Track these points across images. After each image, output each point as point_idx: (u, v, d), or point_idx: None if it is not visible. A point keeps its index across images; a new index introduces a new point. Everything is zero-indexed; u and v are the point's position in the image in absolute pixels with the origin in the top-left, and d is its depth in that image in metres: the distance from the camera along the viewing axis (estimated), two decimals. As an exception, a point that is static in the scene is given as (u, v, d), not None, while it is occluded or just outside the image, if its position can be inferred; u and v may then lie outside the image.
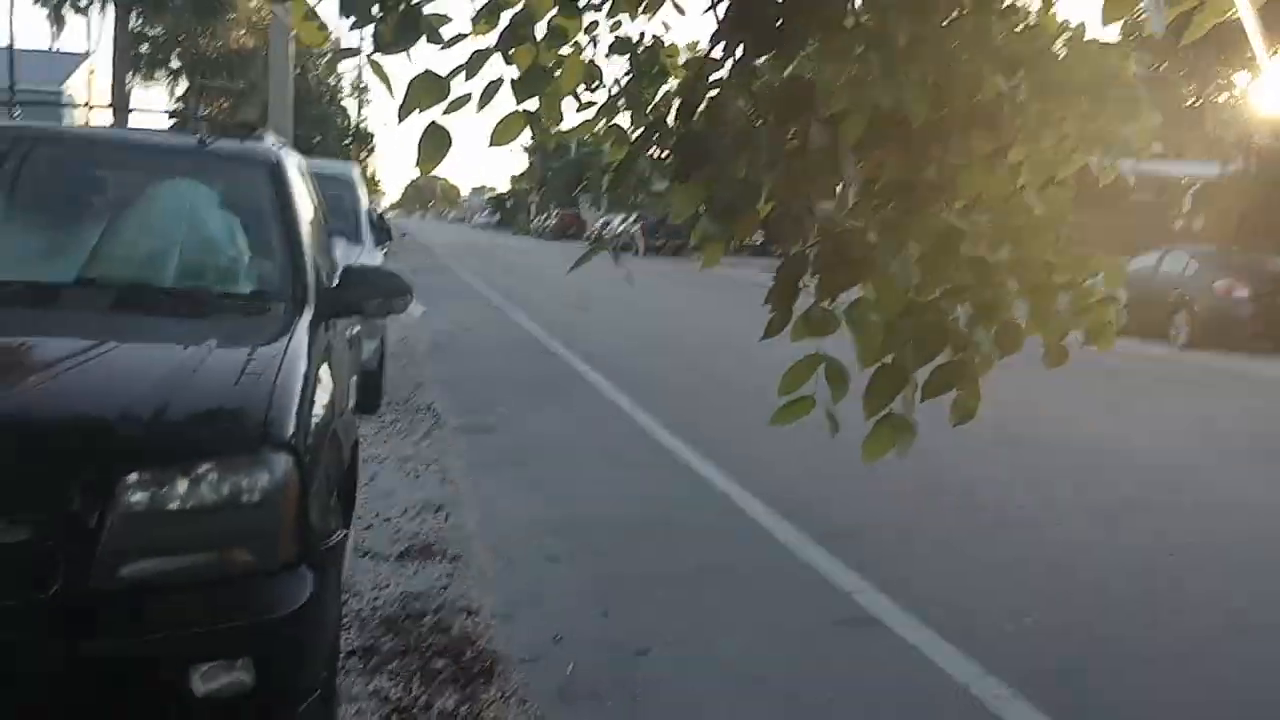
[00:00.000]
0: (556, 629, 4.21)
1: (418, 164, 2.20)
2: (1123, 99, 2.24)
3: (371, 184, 51.86)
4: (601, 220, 47.34)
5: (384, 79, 2.34)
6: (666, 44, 2.73)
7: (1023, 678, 3.88)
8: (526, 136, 2.50)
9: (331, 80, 44.65)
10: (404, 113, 2.17)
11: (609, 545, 5.40)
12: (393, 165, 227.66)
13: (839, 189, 2.10)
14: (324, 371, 3.30)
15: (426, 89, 2.15)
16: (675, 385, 10.67)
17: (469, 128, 2.51)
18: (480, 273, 27.37)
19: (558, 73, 2.37)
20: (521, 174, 77.99)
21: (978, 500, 6.53)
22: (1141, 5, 2.14)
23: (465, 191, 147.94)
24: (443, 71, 2.17)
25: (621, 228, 37.30)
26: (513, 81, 2.21)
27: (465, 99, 2.20)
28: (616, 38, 2.58)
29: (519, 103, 2.23)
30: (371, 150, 47.61)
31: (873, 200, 2.13)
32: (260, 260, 3.78)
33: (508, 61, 2.22)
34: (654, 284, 22.61)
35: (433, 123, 2.18)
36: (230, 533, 2.57)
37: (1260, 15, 2.71)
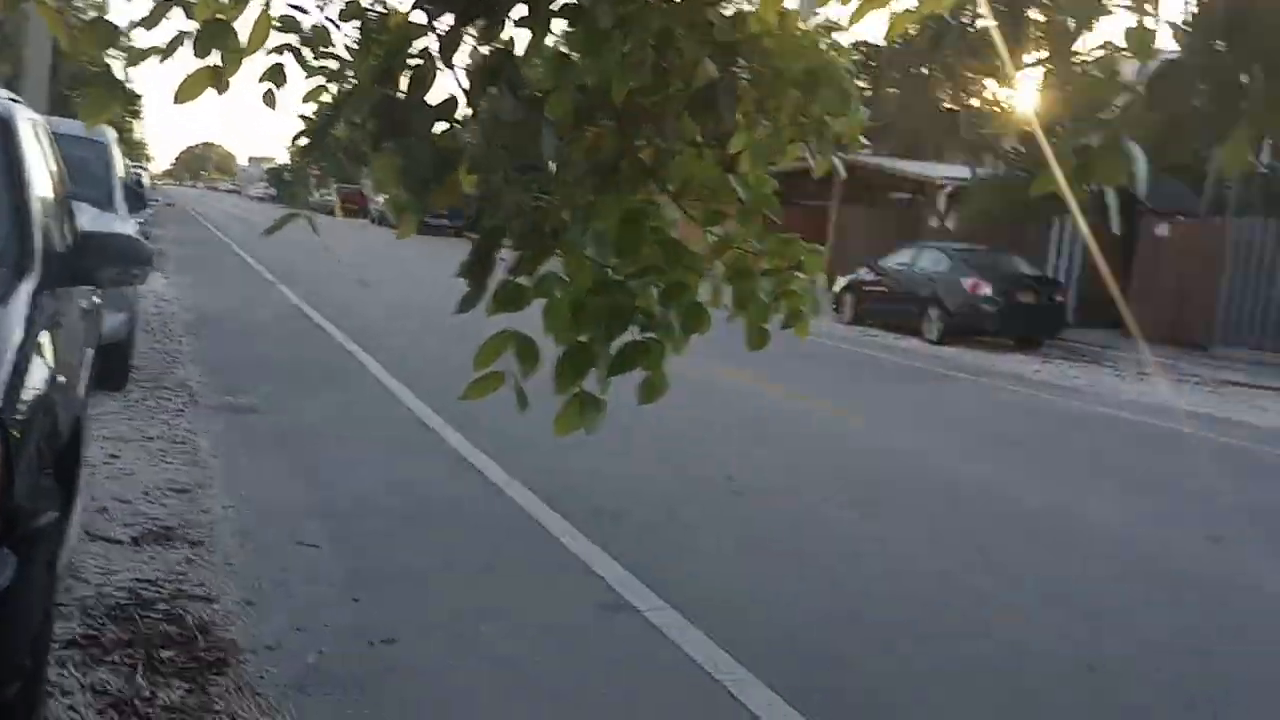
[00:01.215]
0: (302, 618, 4.03)
1: (81, 116, 2.04)
2: (834, 93, 2.33)
3: (136, 149, 48.67)
4: (383, 196, 46.17)
5: (56, 28, 2.14)
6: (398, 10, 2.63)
7: (772, 667, 3.97)
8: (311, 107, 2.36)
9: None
10: (69, 57, 2.01)
11: (368, 532, 5.22)
12: (164, 130, 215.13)
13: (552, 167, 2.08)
14: (45, 340, 3.06)
15: (95, 34, 1.99)
16: (449, 367, 10.44)
17: (246, 94, 2.37)
18: (251, 247, 26.18)
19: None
20: (300, 144, 74.94)
21: (735, 485, 6.70)
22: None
23: (242, 160, 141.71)
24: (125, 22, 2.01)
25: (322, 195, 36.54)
26: (194, 36, 2.07)
27: (148, 51, 2.04)
28: (347, 3, 2.47)
29: (198, 56, 2.09)
30: (137, 112, 44.64)
31: (582, 180, 2.12)
32: None
33: (189, 15, 2.08)
34: (433, 262, 22.24)
35: (101, 71, 2.02)
36: None
37: (1005, 27, 2.85)
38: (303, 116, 2.50)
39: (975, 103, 32.16)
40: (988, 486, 7.42)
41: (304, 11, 2.41)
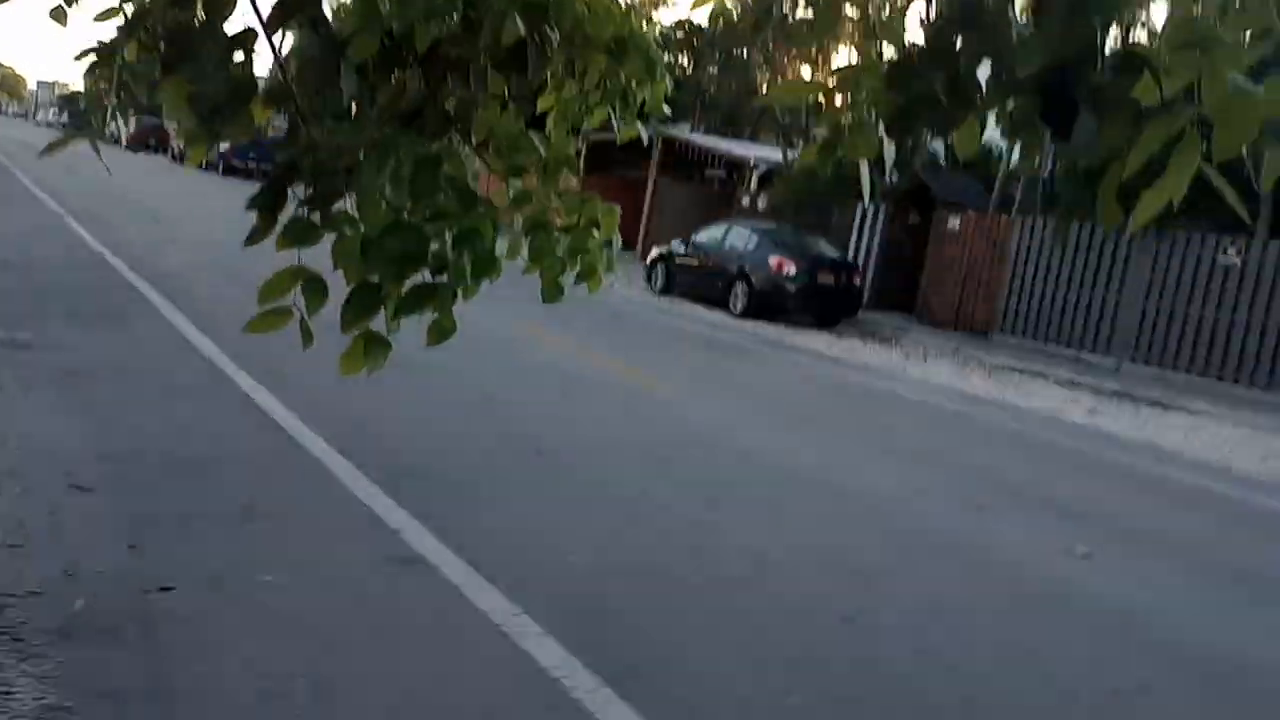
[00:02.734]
0: (71, 564, 3.84)
1: None
2: (641, 61, 2.41)
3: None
4: (187, 132, 43.74)
5: None
6: None
7: (556, 616, 4.05)
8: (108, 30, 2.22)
9: None
10: None
11: (150, 478, 5.00)
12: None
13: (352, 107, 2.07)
14: None
15: None
16: (243, 309, 10.07)
17: (35, 9, 2.20)
18: (38, 177, 24.41)
19: None
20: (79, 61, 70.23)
21: (538, 446, 6.74)
22: None
23: (32, 84, 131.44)
24: None
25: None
26: None
27: None
28: None
29: None
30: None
31: (384, 123, 2.12)
32: None
33: None
34: (235, 203, 21.27)
35: None
36: None
37: (820, 17, 2.98)
38: (100, 43, 2.37)
39: (790, 87, 33.12)
40: (775, 453, 7.71)
41: None
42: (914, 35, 1.83)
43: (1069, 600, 5.31)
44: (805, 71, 32.09)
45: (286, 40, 2.10)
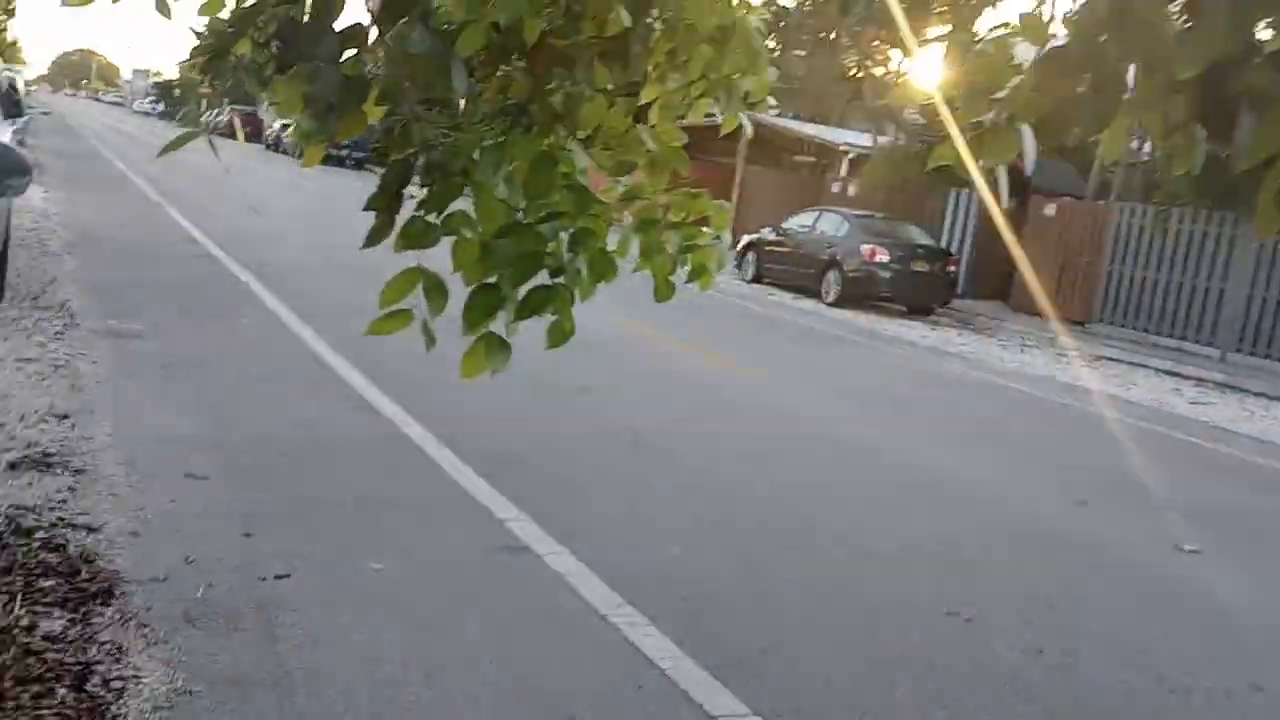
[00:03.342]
0: (191, 551, 3.95)
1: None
2: (743, 51, 2.36)
3: (9, 51, 45.95)
4: (280, 122, 44.74)
5: None
6: None
7: (661, 606, 4.06)
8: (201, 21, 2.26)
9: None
10: None
11: (261, 466, 5.13)
12: (40, 33, 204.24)
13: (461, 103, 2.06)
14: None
15: None
16: (346, 301, 10.27)
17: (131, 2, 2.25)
18: (137, 164, 25.18)
19: None
20: (192, 61, 72.18)
21: (639, 438, 6.75)
22: None
23: (126, 73, 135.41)
24: None
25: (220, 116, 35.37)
26: None
27: None
28: None
29: None
30: (11, 11, 42.04)
31: (492, 118, 2.11)
32: None
33: None
34: (332, 192, 21.68)
35: None
36: None
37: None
38: (195, 31, 2.40)
39: (879, 72, 32.57)
40: (872, 445, 7.62)
41: None
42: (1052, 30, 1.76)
43: (1180, 598, 5.15)
44: (894, 55, 31.56)
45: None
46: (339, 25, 2.06)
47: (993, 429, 9.27)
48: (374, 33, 2.07)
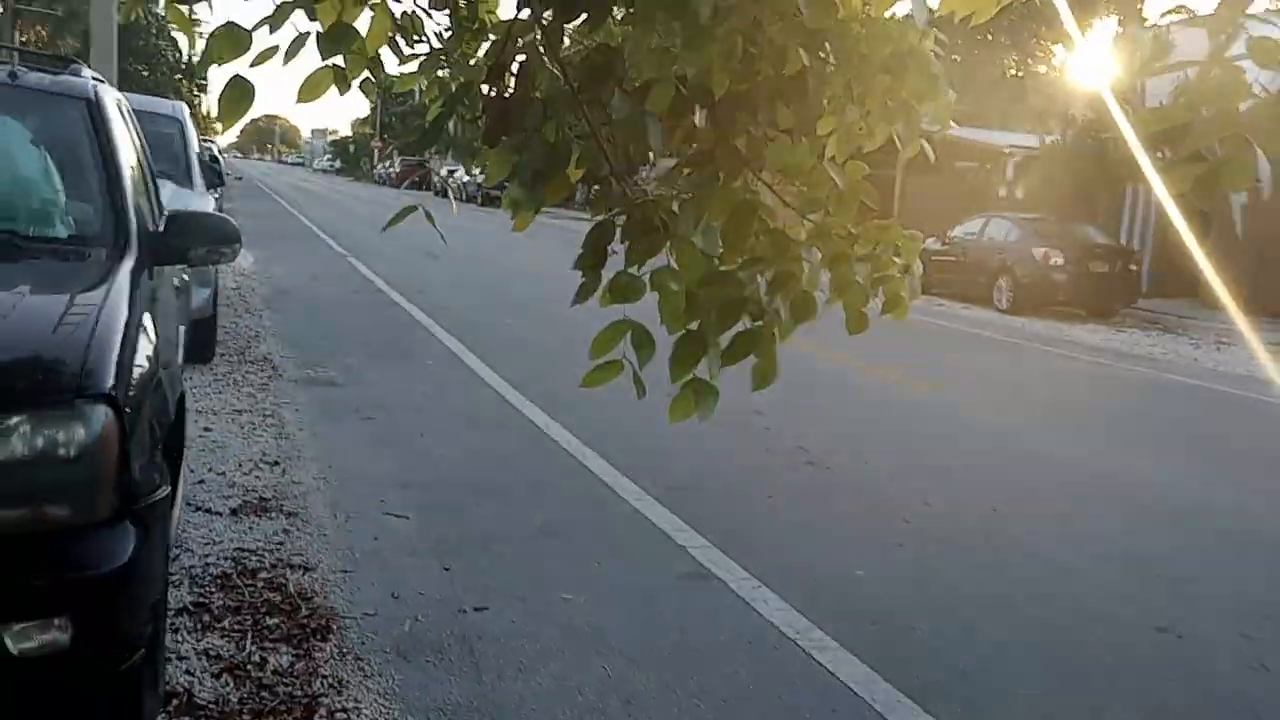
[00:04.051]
0: (396, 586, 4.17)
1: (218, 118, 2.13)
2: (921, 76, 2.35)
3: (205, 122, 49.53)
4: (447, 169, 46.49)
5: (184, 26, 2.24)
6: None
7: (848, 630, 4.05)
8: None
9: (161, 10, 42.18)
10: (203, 67, 2.12)
11: (452, 502, 5.36)
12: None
13: (651, 157, 2.14)
14: (147, 320, 3.16)
15: (228, 41, 2.08)
16: (522, 342, 10.63)
17: (305, 67, 2.42)
18: (320, 220, 26.59)
19: (365, 29, 2.31)
20: (364, 119, 76.01)
21: (810, 458, 6.74)
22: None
23: (306, 134, 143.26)
24: (247, 22, 2.09)
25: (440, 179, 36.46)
26: (317, 36, 2.14)
27: (272, 52, 2.12)
28: None
29: (324, 59, 2.16)
30: (205, 87, 45.29)
31: (680, 170, 2.17)
32: (77, 203, 3.59)
33: (311, 17, 2.15)
34: (500, 235, 22.41)
35: (235, 75, 2.11)
36: (46, 488, 2.45)
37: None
38: (369, 96, 2.56)
39: (1042, 69, 31.54)
40: (1064, 455, 7.37)
41: (398, 1, 2.48)
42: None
43: None
44: (1059, 51, 30.53)
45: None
46: (538, 95, 2.17)
47: (1188, 432, 8.83)
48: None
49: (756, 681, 3.66)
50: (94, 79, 4.23)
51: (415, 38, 2.64)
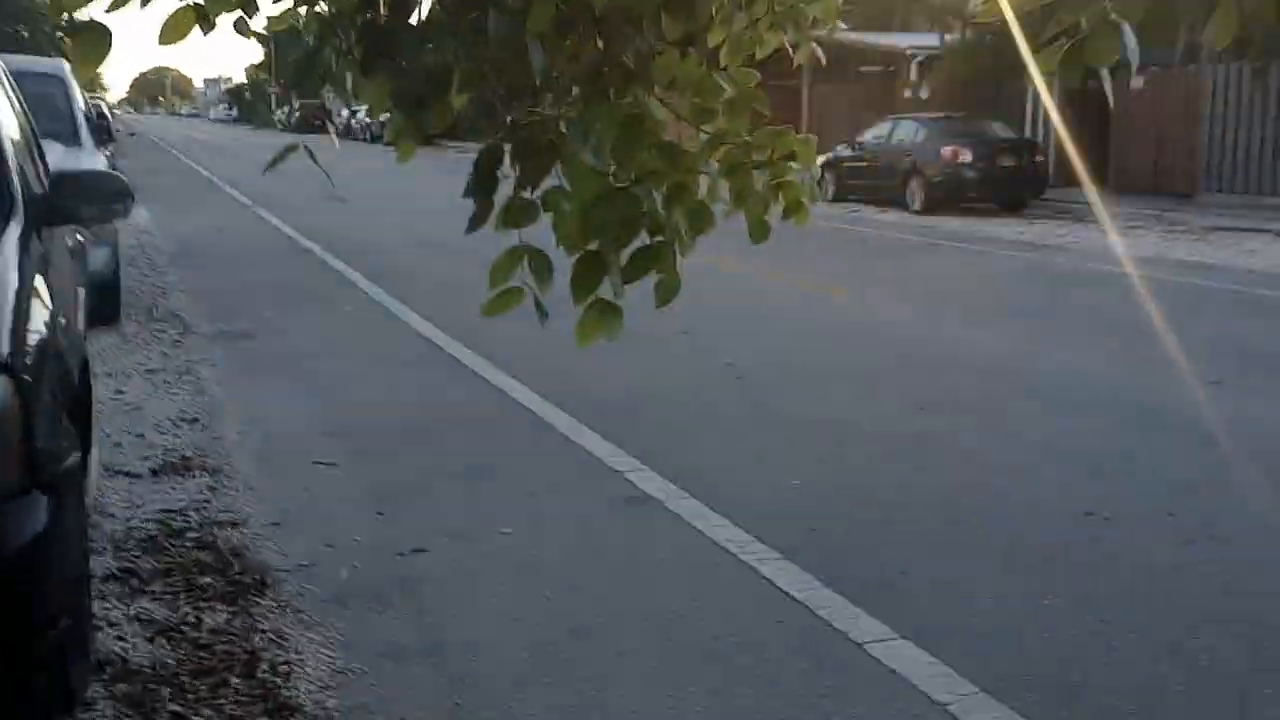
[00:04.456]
0: (330, 535, 4.09)
1: (74, 67, 2.00)
2: None
3: (92, 80, 47.59)
4: (349, 110, 45.35)
5: None
6: None
7: (789, 540, 4.08)
8: (259, 23, 2.30)
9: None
10: (54, 12, 1.97)
11: (382, 447, 5.27)
12: (116, 58, 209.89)
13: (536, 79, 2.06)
14: (40, 284, 3.03)
15: None
16: (439, 278, 10.46)
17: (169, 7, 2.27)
18: (221, 170, 25.81)
19: None
20: (259, 64, 73.55)
21: (739, 373, 6.75)
22: None
23: (198, 83, 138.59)
24: None
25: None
26: None
27: None
28: None
29: None
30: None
31: (570, 89, 2.11)
32: None
33: None
34: (409, 173, 21.95)
35: (90, 20, 1.98)
36: None
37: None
38: (259, 36, 2.43)
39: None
40: (984, 350, 7.49)
41: None
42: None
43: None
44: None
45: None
46: (415, 22, 2.08)
47: (1107, 316, 9.03)
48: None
49: (700, 598, 3.67)
50: None
51: None
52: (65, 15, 1.97)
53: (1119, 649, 3.34)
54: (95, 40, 1.98)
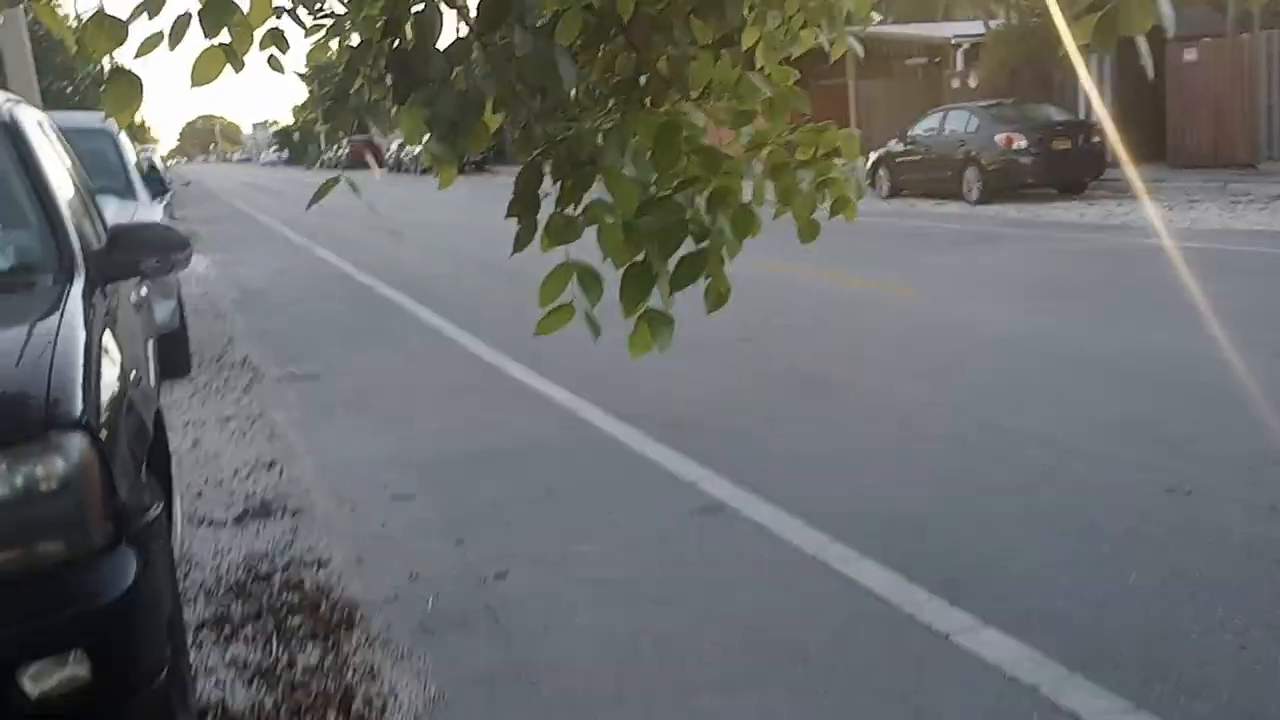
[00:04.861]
0: (412, 567, 4.14)
1: (106, 115, 2.03)
2: None
3: (140, 131, 48.53)
4: (397, 143, 45.93)
5: (54, 23, 2.13)
6: None
7: (867, 539, 4.05)
8: (298, 61, 2.35)
9: (77, 20, 41.15)
10: (82, 61, 2.01)
11: (455, 475, 5.32)
12: (164, 107, 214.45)
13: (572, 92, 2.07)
14: (108, 340, 3.08)
15: (101, 32, 1.97)
16: (498, 304, 10.55)
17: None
18: (276, 213, 26.27)
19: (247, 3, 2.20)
20: (304, 104, 74.86)
21: (803, 376, 6.71)
22: None
23: (247, 129, 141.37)
24: (123, 12, 1.99)
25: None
26: (199, 16, 2.03)
27: (157, 39, 2.01)
28: None
29: (208, 37, 2.06)
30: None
31: (601, 101, 2.11)
32: (14, 232, 3.47)
33: None
34: (460, 202, 22.16)
35: (117, 68, 2.01)
36: (34, 526, 2.39)
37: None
38: (301, 75, 2.48)
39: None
40: (1052, 335, 7.38)
41: None
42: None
43: None
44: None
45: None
46: (442, 45, 2.10)
47: (1175, 293, 8.83)
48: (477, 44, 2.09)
49: (784, 603, 3.65)
50: (8, 100, 4.09)
51: (318, 6, 2.54)
52: (96, 64, 2.01)
53: (1208, 622, 3.28)
54: (125, 88, 2.01)
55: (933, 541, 4.08)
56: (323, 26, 2.49)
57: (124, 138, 9.08)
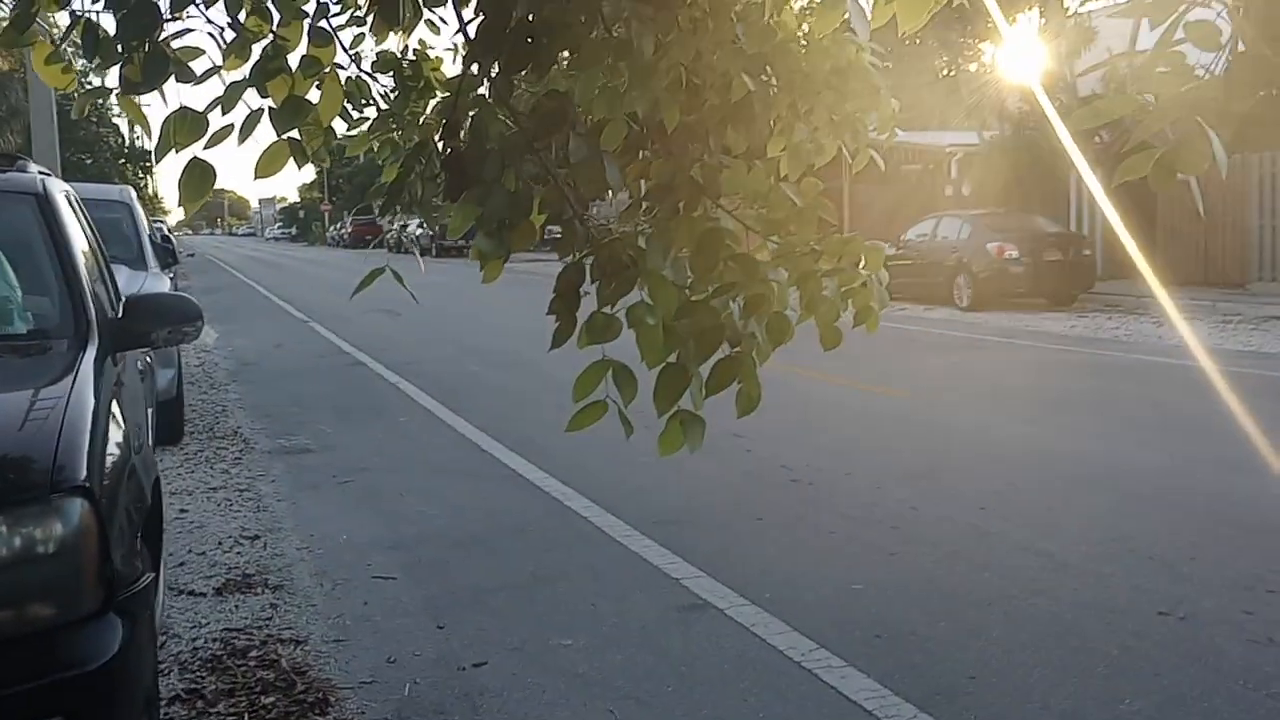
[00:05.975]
0: (391, 650, 4.10)
1: (180, 202, 2.13)
2: (862, 88, 2.40)
3: (153, 204, 49.22)
4: (400, 224, 46.42)
5: (139, 119, 2.24)
6: (431, 56, 2.71)
7: (853, 646, 4.02)
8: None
9: (99, 99, 41.98)
10: (161, 153, 2.11)
11: (439, 559, 5.29)
12: (175, 182, 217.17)
13: (611, 196, 2.15)
14: (115, 408, 3.13)
15: (183, 126, 2.09)
16: (492, 389, 10.59)
17: (255, 140, 2.40)
18: (277, 287, 26.44)
19: (317, 100, 2.31)
20: (310, 183, 76.08)
21: (793, 475, 6.72)
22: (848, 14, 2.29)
23: (254, 204, 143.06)
24: (199, 105, 2.10)
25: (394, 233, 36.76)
26: (270, 112, 2.15)
27: (226, 131, 2.13)
28: (379, 55, 2.55)
29: (279, 134, 2.17)
30: (149, 168, 45.19)
31: (641, 205, 2.19)
32: (35, 297, 3.57)
33: (263, 94, 2.16)
34: (459, 285, 22.34)
35: (194, 158, 2.11)
36: (28, 587, 2.39)
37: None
38: (316, 161, 2.57)
39: (973, 67, 32.00)
40: (1043, 446, 7.41)
41: (342, 68, 2.49)
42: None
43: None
44: (987, 49, 30.92)
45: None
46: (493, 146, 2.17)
47: (1163, 412, 8.91)
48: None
49: (766, 708, 3.62)
50: (41, 173, 4.23)
51: (362, 101, 2.66)
52: (168, 151, 2.11)
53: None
54: (202, 176, 2.11)
55: (919, 651, 4.05)
56: (365, 120, 2.60)
57: (139, 210, 9.25)
